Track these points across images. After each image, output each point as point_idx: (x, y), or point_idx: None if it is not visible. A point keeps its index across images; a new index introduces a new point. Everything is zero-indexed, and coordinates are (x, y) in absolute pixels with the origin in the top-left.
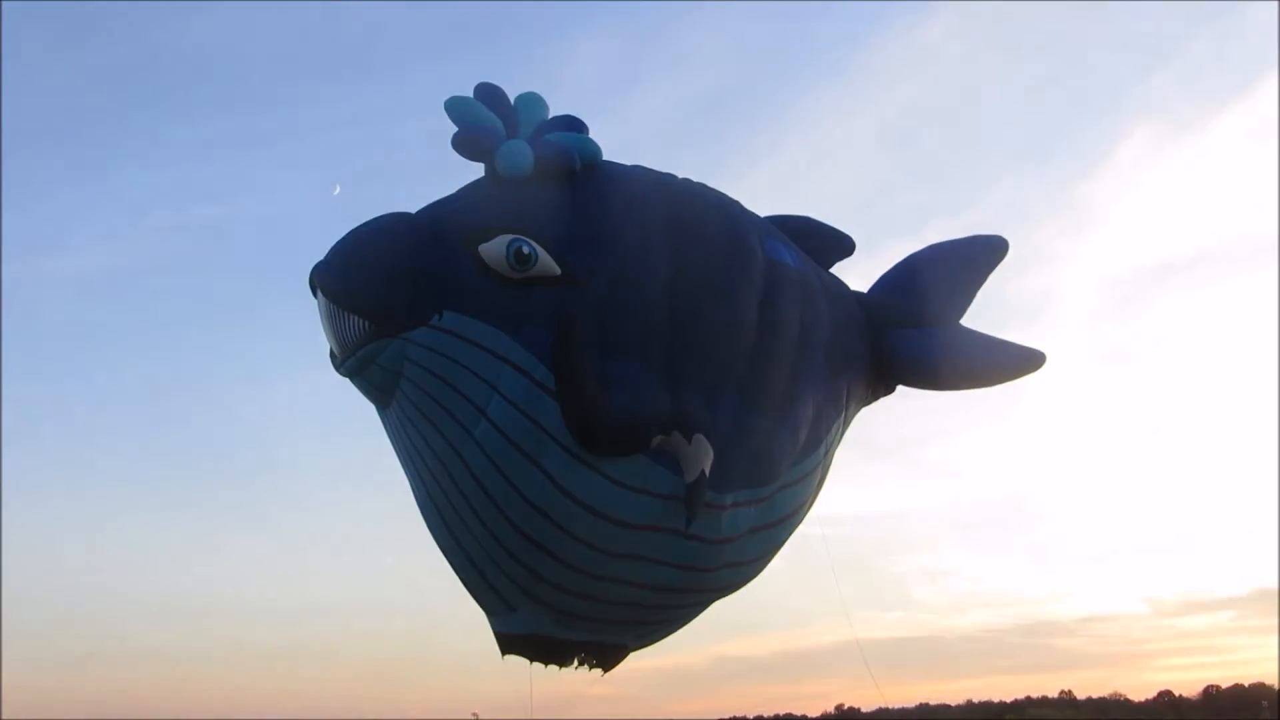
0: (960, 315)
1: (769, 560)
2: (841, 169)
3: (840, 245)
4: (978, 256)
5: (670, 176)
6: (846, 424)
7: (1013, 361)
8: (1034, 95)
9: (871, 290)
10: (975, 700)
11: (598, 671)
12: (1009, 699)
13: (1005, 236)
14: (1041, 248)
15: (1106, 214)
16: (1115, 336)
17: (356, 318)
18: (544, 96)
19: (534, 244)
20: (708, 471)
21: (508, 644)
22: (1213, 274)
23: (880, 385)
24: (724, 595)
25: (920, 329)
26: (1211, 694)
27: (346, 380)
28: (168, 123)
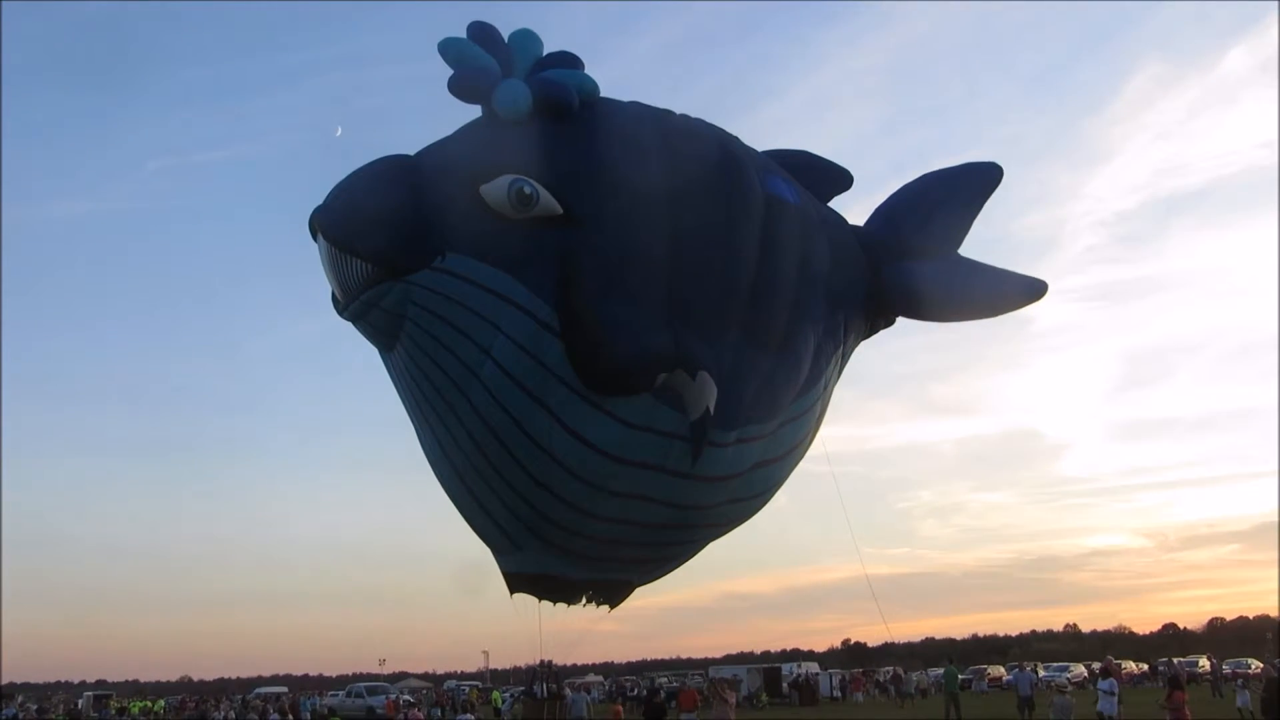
0: (958, 244)
1: (772, 495)
2: (845, 105)
3: (839, 179)
4: (972, 184)
5: (668, 112)
6: (846, 358)
7: (1013, 291)
8: (1040, 31)
9: (868, 223)
10: (981, 634)
11: (604, 608)
12: (1014, 633)
13: (999, 163)
14: (1049, 184)
15: (1114, 149)
16: (1123, 271)
17: (359, 261)
18: (538, 33)
19: (535, 184)
20: (712, 409)
21: (516, 583)
22: (1220, 208)
23: (879, 318)
24: (728, 530)
25: (918, 261)
26: (1216, 626)
27: (348, 323)
28: (166, 68)
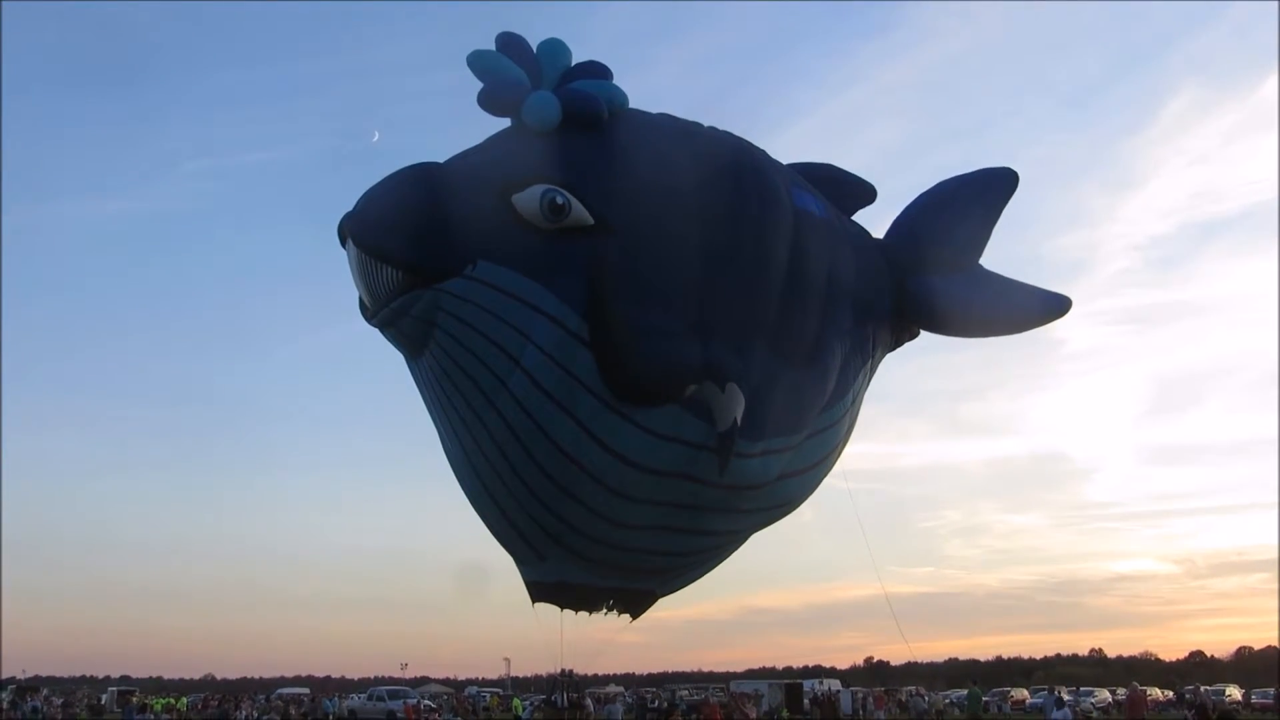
0: (979, 254)
1: (796, 506)
2: (878, 122)
3: (863, 193)
4: (990, 192)
5: (696, 124)
6: (873, 371)
7: (1037, 307)
8: (1079, 52)
9: (889, 234)
10: (1005, 656)
11: (626, 618)
12: (1039, 656)
13: (1023, 175)
14: (1083, 205)
15: (1150, 173)
16: (1156, 295)
17: (389, 268)
18: (569, 41)
19: (567, 194)
20: (739, 421)
21: (538, 592)
22: (1255, 234)
23: (904, 331)
24: (749, 536)
25: (942, 275)
26: (1244, 655)
27: (375, 329)
28: (204, 70)
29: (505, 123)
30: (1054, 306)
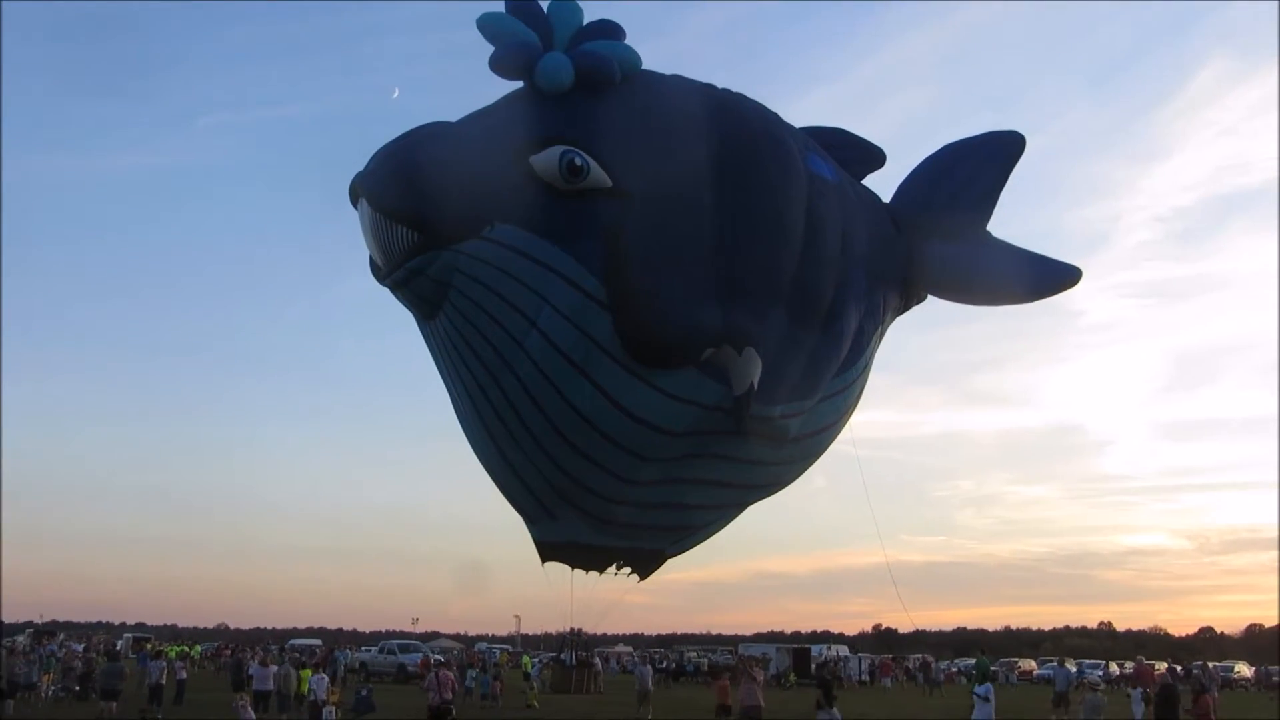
0: (987, 219)
1: (807, 466)
2: (904, 90)
3: (872, 157)
4: (998, 157)
5: (710, 86)
6: (882, 335)
7: (1046, 277)
8: (1107, 22)
9: (896, 198)
10: (1014, 627)
11: (635, 579)
12: (1047, 627)
13: (1023, 133)
14: (1106, 177)
15: (1175, 145)
16: (1177, 269)
17: (404, 229)
18: (588, 4)
19: (586, 156)
20: (756, 385)
21: (548, 551)
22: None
23: (913, 297)
24: (760, 498)
25: (951, 241)
26: (1254, 632)
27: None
28: (223, 23)
29: (517, 85)
30: (1064, 277)
